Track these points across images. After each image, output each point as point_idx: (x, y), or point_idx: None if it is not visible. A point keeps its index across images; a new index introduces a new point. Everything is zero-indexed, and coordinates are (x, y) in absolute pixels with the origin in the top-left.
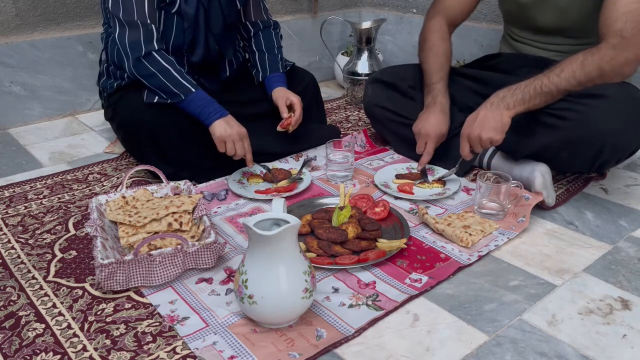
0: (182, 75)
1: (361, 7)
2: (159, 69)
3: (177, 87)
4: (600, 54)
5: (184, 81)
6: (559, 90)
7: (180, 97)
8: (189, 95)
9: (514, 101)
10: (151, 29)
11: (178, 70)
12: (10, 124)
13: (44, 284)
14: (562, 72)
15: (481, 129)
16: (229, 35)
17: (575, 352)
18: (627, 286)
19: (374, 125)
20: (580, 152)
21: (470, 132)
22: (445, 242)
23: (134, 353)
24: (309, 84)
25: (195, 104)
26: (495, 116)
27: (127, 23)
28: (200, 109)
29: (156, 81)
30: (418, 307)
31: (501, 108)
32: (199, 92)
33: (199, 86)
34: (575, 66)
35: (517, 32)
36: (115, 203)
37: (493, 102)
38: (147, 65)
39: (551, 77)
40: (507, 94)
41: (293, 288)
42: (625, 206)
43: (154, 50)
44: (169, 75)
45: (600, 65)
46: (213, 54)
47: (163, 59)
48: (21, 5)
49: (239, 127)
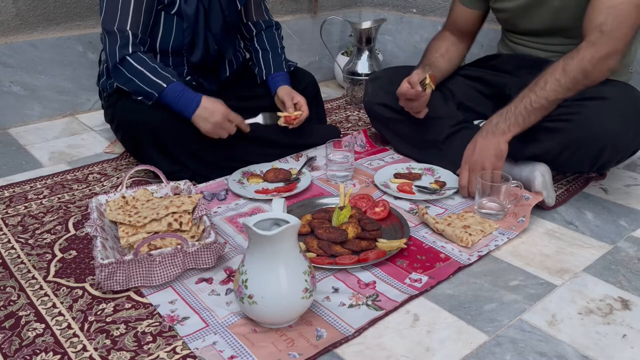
0: (155, 72)
1: (361, 7)
2: (134, 72)
3: (150, 87)
4: (580, 55)
5: (156, 78)
6: (549, 102)
7: (154, 95)
8: (162, 92)
9: (507, 125)
10: (127, 35)
11: (151, 68)
12: (10, 124)
13: (44, 284)
14: (546, 84)
15: (482, 158)
16: (229, 35)
17: (575, 352)
18: (627, 286)
19: (374, 124)
20: (581, 153)
21: (472, 162)
22: (445, 242)
23: (134, 353)
24: (309, 84)
25: (169, 98)
26: (493, 144)
27: (108, 32)
28: (175, 104)
29: (133, 85)
30: (418, 307)
31: (497, 135)
32: (171, 86)
33: (173, 79)
34: (558, 74)
35: (513, 36)
36: (115, 203)
37: (488, 130)
38: (123, 71)
39: (537, 92)
40: (499, 120)
41: (293, 288)
42: (625, 206)
43: (127, 55)
44: (142, 77)
45: (581, 66)
46: (213, 54)
47: (137, 61)
48: (21, 5)
49: (215, 107)
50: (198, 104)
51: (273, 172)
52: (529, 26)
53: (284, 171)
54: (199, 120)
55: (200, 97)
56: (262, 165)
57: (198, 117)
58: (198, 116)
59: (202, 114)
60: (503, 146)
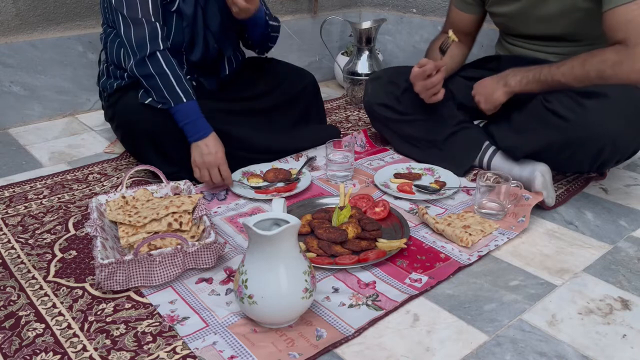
0: (179, 81)
1: (361, 7)
2: (159, 71)
3: (169, 93)
4: (604, 56)
5: (178, 89)
6: (553, 80)
7: (169, 103)
8: (178, 104)
9: (513, 81)
10: (156, 27)
11: (177, 75)
12: (10, 124)
13: (44, 284)
14: (562, 66)
15: (477, 91)
16: (228, 34)
17: (575, 352)
18: (627, 286)
19: (374, 124)
20: (581, 153)
21: (475, 92)
22: (445, 242)
23: (134, 353)
24: (308, 84)
25: (182, 115)
26: (493, 87)
27: (132, 20)
28: (184, 123)
29: (153, 83)
30: (418, 307)
31: (500, 84)
32: (189, 104)
33: (193, 97)
34: (576, 62)
35: (510, 39)
36: (115, 203)
37: (501, 76)
38: (149, 65)
39: (551, 68)
40: (510, 73)
41: (293, 288)
42: (625, 206)
43: (158, 50)
44: (165, 80)
45: (600, 67)
46: (212, 52)
47: (165, 61)
48: (21, 5)
49: (216, 150)
50: (205, 136)
51: (273, 172)
52: (525, 31)
53: (284, 171)
54: (195, 149)
55: (209, 132)
56: (262, 165)
57: (196, 146)
58: (197, 146)
59: (201, 147)
60: (498, 94)
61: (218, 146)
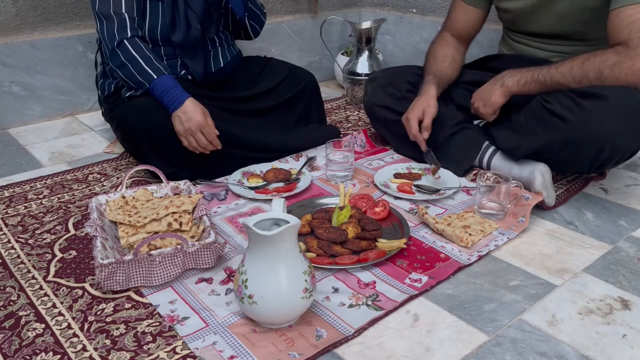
0: (148, 62)
1: (361, 7)
2: (128, 57)
3: (141, 76)
4: (603, 57)
5: (148, 68)
6: (552, 81)
7: (145, 85)
8: (152, 82)
9: (511, 81)
10: (124, 18)
11: (146, 57)
12: (10, 124)
13: (43, 284)
14: (561, 66)
15: (475, 97)
16: (211, 14)
17: (575, 352)
18: (627, 286)
19: (374, 125)
20: (580, 153)
21: (475, 98)
22: (445, 242)
23: (134, 353)
24: (308, 84)
25: (157, 91)
26: (490, 89)
27: (104, 16)
28: (160, 98)
29: (127, 71)
30: (418, 307)
31: (497, 85)
32: (161, 79)
33: (165, 72)
34: (575, 63)
35: (515, 36)
36: (115, 203)
37: (497, 78)
38: (119, 54)
39: (550, 69)
40: (507, 74)
41: (293, 288)
42: (625, 206)
43: (126, 39)
44: (136, 64)
45: (600, 67)
46: (195, 33)
47: (133, 47)
48: (21, 5)
49: (195, 114)
50: (181, 104)
51: (273, 172)
52: (532, 28)
53: (284, 171)
54: (175, 119)
55: (185, 98)
56: (262, 165)
57: (175, 116)
58: (176, 115)
59: (179, 116)
60: (496, 96)
61: (197, 110)
